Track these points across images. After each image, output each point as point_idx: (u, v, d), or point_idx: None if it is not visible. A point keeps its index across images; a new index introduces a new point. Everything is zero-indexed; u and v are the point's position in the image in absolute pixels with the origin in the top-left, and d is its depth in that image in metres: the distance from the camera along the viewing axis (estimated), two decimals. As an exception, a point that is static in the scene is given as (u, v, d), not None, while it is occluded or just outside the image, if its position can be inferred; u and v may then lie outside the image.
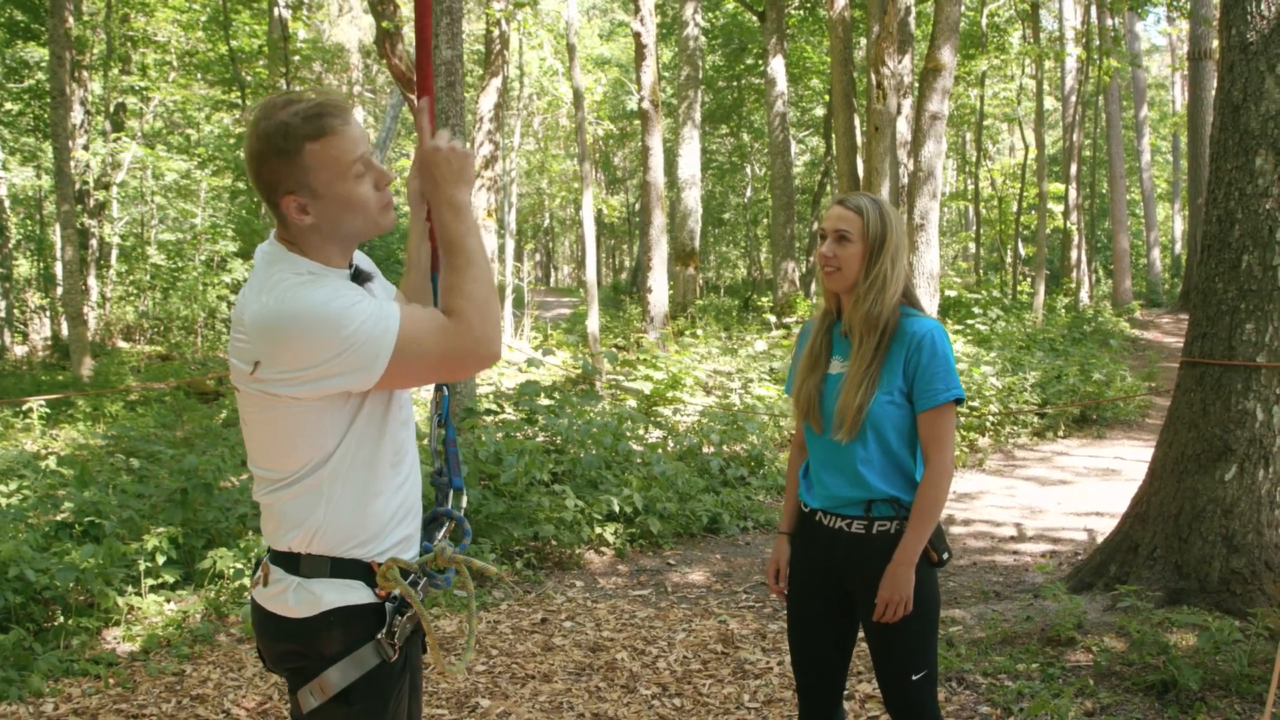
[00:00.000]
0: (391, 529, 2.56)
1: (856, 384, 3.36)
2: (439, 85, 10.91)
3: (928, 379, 3.35)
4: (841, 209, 3.46)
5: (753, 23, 30.10)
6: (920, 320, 3.42)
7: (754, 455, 11.05)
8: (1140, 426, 14.74)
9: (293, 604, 2.50)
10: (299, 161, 2.41)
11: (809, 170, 41.91)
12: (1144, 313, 29.43)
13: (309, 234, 2.50)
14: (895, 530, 3.39)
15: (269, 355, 2.37)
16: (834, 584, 3.50)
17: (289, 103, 2.43)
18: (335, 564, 2.50)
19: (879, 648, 3.47)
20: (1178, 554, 6.14)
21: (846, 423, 3.35)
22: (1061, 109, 30.83)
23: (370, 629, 2.51)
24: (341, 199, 2.46)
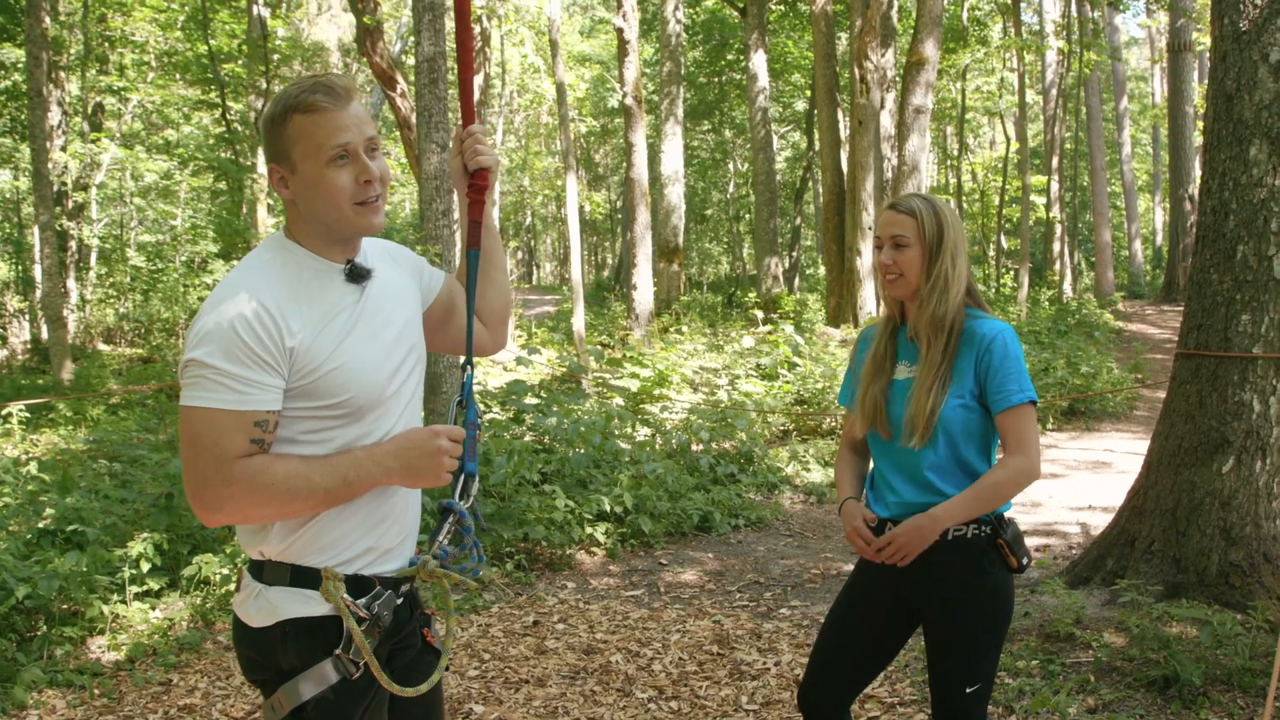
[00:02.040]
0: (356, 538, 2.47)
1: (927, 388, 3.27)
2: (421, 82, 10.81)
3: (1000, 381, 3.25)
4: (894, 213, 3.37)
5: (734, 18, 30.07)
6: (989, 321, 3.33)
7: (744, 452, 10.98)
8: (1129, 419, 14.73)
9: (252, 613, 2.45)
10: (284, 130, 2.40)
11: (791, 165, 41.90)
12: (1127, 304, 29.50)
13: (296, 216, 2.49)
14: (971, 535, 3.27)
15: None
16: (900, 596, 3.39)
17: (301, 79, 2.47)
18: (295, 572, 2.44)
19: (937, 654, 3.35)
20: (1175, 547, 6.08)
21: (919, 428, 3.25)
22: (1042, 102, 30.86)
23: (329, 643, 2.43)
24: (313, 178, 2.42)
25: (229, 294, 2.35)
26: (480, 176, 2.77)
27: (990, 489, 3.25)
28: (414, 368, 2.64)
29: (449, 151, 2.81)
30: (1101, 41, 30.18)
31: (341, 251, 2.52)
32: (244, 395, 2.30)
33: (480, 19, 19.67)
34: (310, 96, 2.39)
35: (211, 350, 2.29)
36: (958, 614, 3.30)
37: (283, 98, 2.42)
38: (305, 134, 2.39)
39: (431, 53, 10.74)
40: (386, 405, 2.52)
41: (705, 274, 48.21)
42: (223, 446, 2.30)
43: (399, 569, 2.55)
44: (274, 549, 2.43)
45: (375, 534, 2.50)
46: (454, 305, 2.87)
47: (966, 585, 3.28)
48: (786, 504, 10.07)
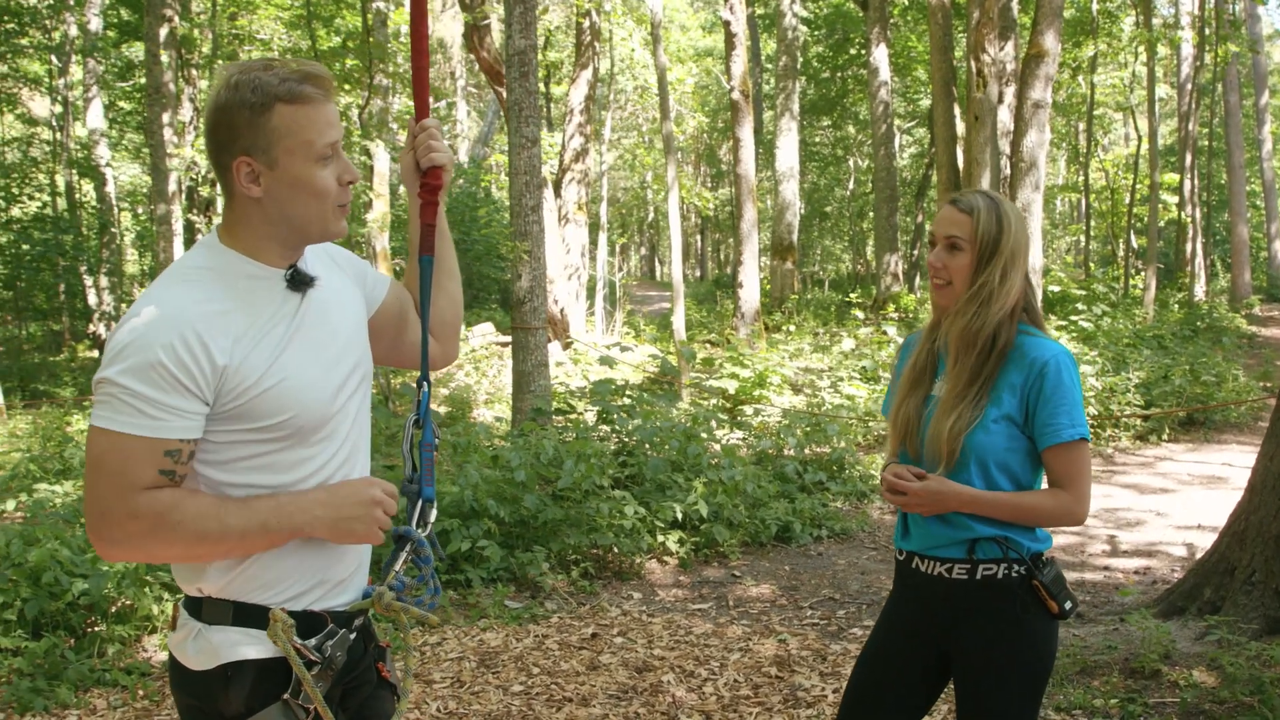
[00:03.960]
0: (306, 571, 2.24)
1: (949, 408, 2.95)
2: (511, 76, 10.65)
3: (1050, 412, 2.90)
4: (953, 210, 3.02)
5: (856, 12, 29.57)
6: (1044, 343, 2.97)
7: (835, 459, 10.61)
8: (1253, 430, 13.96)
9: (191, 654, 2.21)
10: (265, 121, 2.14)
11: (914, 162, 41.12)
12: (1263, 308, 28.34)
13: (252, 214, 2.22)
14: (1003, 575, 2.94)
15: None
16: (928, 642, 3.07)
17: (269, 66, 2.18)
18: (238, 610, 2.19)
19: (966, 707, 3.02)
20: (1279, 579, 5.60)
21: (942, 453, 2.94)
22: (1177, 97, 29.75)
23: (277, 688, 2.18)
24: (300, 178, 2.18)
25: (151, 306, 2.10)
26: (433, 175, 2.53)
27: (1030, 508, 2.93)
28: (360, 382, 2.40)
29: (403, 147, 2.55)
30: (1241, 33, 28.98)
31: (285, 256, 2.27)
32: (156, 421, 2.06)
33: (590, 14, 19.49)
34: (299, 86, 2.15)
35: (125, 369, 2.05)
36: (990, 664, 2.96)
37: (258, 84, 2.13)
38: (294, 127, 2.15)
39: (523, 45, 10.57)
40: (332, 424, 2.28)
41: (826, 272, 47.60)
42: (128, 475, 2.06)
43: (352, 602, 2.33)
44: (214, 585, 2.19)
45: (326, 565, 2.28)
46: (404, 315, 2.62)
47: (1000, 632, 2.95)
48: (875, 515, 9.68)
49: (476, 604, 6.86)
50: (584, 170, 21.21)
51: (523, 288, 10.73)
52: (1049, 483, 2.99)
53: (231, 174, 2.17)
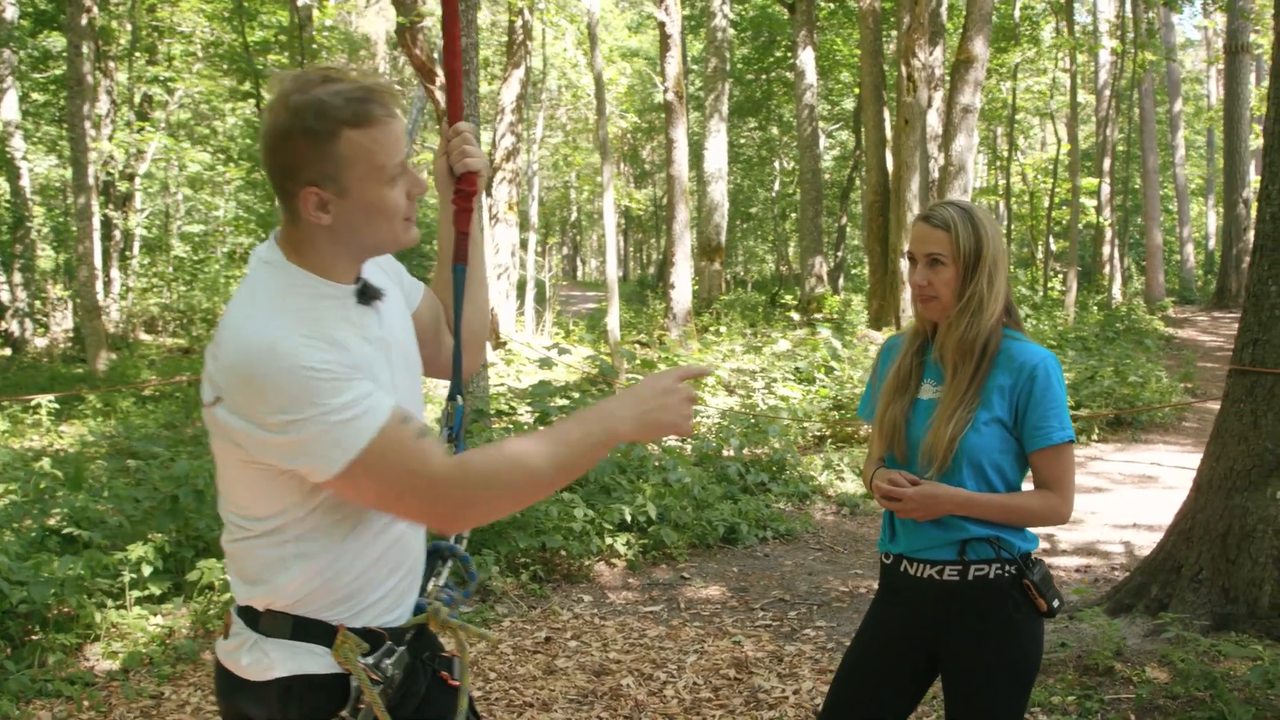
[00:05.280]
0: (373, 585, 2.19)
1: (948, 415, 2.97)
2: (452, 75, 10.57)
3: (1040, 415, 2.96)
4: (928, 227, 3.05)
5: (782, 15, 29.72)
6: (1030, 347, 3.02)
7: (776, 460, 10.65)
8: (1177, 430, 14.27)
9: (245, 664, 2.14)
10: (332, 149, 2.03)
11: (838, 164, 41.46)
12: (1177, 310, 28.94)
13: (320, 237, 2.12)
14: (994, 575, 2.98)
15: (233, 396, 2.00)
16: (918, 645, 3.10)
17: (328, 79, 2.06)
18: (298, 624, 2.12)
19: (957, 706, 3.06)
20: (1225, 576, 5.72)
21: (938, 457, 2.97)
22: (1095, 103, 30.29)
23: (333, 704, 2.13)
24: (372, 203, 2.09)
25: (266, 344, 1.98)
26: (468, 181, 2.46)
27: (1019, 509, 3.00)
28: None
29: (436, 151, 2.48)
30: (1157, 42, 29.59)
31: (353, 271, 2.20)
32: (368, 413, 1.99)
33: (522, 12, 19.40)
34: (365, 108, 2.05)
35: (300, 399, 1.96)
36: (980, 663, 3.00)
37: (321, 108, 2.02)
38: (363, 153, 2.05)
39: (464, 44, 10.47)
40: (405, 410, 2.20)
41: (750, 273, 47.84)
42: (409, 463, 2.01)
43: (405, 618, 2.27)
44: (283, 600, 2.12)
45: (393, 575, 2.22)
46: (438, 324, 2.54)
47: (990, 632, 2.99)
48: (818, 515, 9.74)
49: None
50: (515, 169, 21.13)
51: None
52: (1036, 484, 3.04)
53: (297, 201, 2.08)
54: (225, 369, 2.00)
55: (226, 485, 2.15)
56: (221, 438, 2.06)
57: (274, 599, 2.12)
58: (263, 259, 2.16)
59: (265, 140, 2.09)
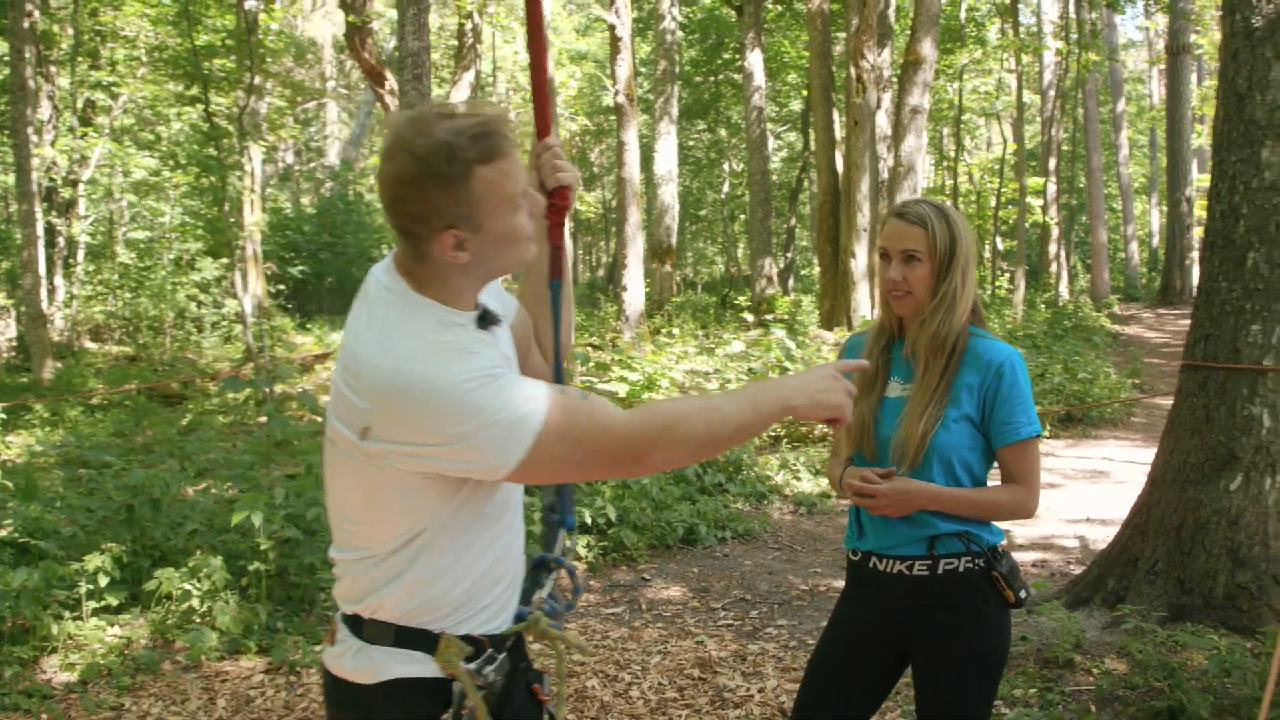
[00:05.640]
0: (478, 597, 2.23)
1: (920, 412, 3.01)
2: (405, 78, 10.53)
3: (1008, 411, 3.01)
4: (904, 224, 3.06)
5: (730, 17, 29.78)
6: (996, 344, 3.07)
7: (732, 460, 10.69)
8: (1127, 425, 14.45)
9: (350, 668, 2.21)
10: (466, 190, 2.05)
11: (786, 166, 41.62)
12: (1122, 307, 29.32)
13: (452, 273, 2.16)
14: (964, 568, 3.02)
15: (387, 425, 2.05)
16: (887, 641, 3.14)
17: (445, 117, 2.08)
18: (400, 633, 2.19)
19: (929, 698, 3.09)
20: (1180, 568, 5.81)
21: (909, 454, 3.00)
22: (1040, 103, 30.63)
23: (435, 707, 2.18)
24: (505, 233, 2.13)
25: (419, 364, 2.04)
26: (560, 195, 2.48)
27: (989, 503, 3.04)
28: None
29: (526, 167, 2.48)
30: (1100, 43, 29.94)
31: (475, 298, 2.25)
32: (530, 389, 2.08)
33: (471, 15, 19.36)
34: (491, 142, 2.07)
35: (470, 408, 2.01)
36: (950, 656, 3.04)
37: (451, 152, 2.03)
38: (495, 187, 2.08)
39: (415, 48, 10.46)
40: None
41: (700, 275, 47.91)
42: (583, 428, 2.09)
43: (506, 627, 2.31)
44: (393, 612, 2.19)
45: (497, 587, 2.28)
46: (528, 338, 2.58)
47: (960, 625, 3.03)
48: (775, 515, 9.77)
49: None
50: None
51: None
52: (1004, 478, 3.08)
53: (432, 245, 2.11)
54: (377, 400, 2.05)
55: (355, 511, 2.20)
56: (366, 465, 2.10)
57: (382, 610, 2.19)
58: (385, 286, 2.18)
59: (392, 190, 2.10)
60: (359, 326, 2.16)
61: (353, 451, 2.10)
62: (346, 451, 2.12)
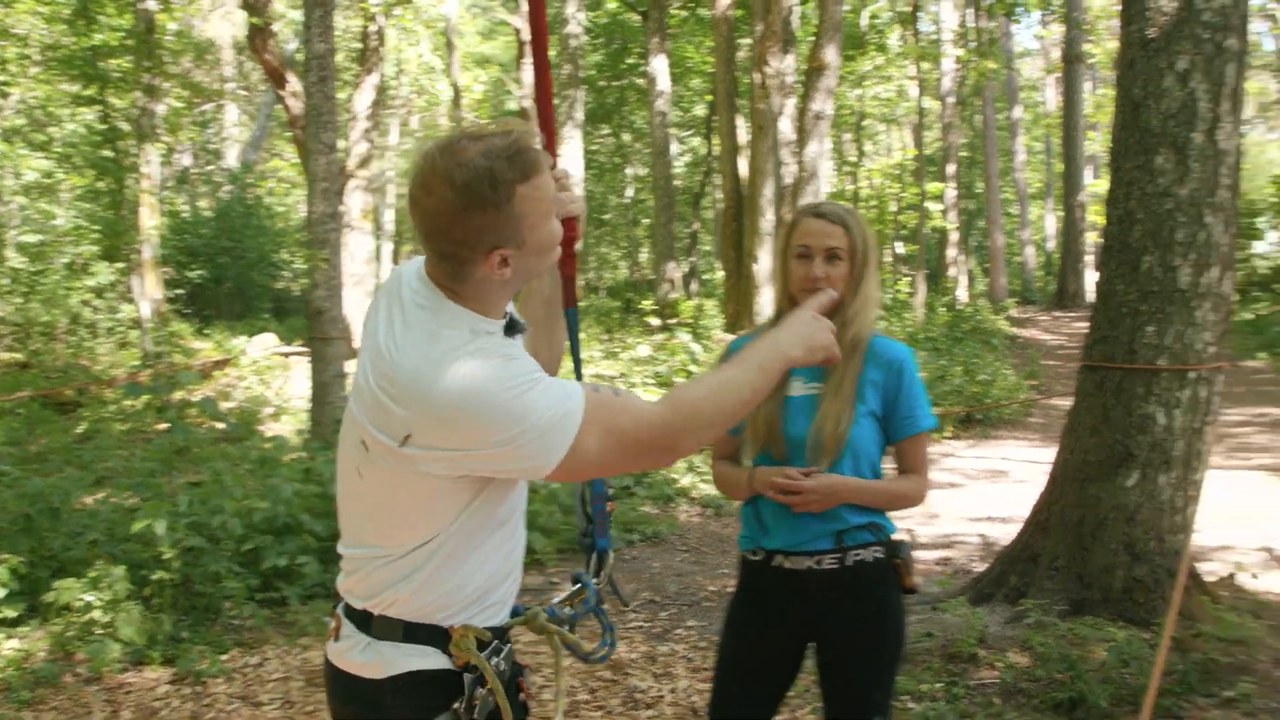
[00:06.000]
0: (486, 595, 2.30)
1: (837, 409, 3.08)
2: (310, 80, 10.43)
3: (909, 405, 3.14)
4: (825, 223, 3.13)
5: (635, 22, 29.85)
6: (891, 342, 3.20)
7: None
8: (1025, 426, 14.76)
9: (360, 662, 2.25)
10: (509, 211, 2.11)
11: (690, 170, 41.82)
12: (1020, 310, 29.90)
13: (491, 287, 2.20)
14: (872, 559, 3.11)
15: (430, 432, 2.09)
16: (794, 637, 3.20)
17: (476, 139, 2.12)
18: (409, 628, 2.24)
19: (840, 686, 3.16)
20: (1080, 564, 5.96)
21: (829, 450, 3.06)
22: (939, 110, 31.14)
23: (446, 698, 2.23)
24: (544, 243, 2.21)
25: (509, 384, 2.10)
26: (568, 226, 2.48)
27: (898, 493, 3.16)
28: None
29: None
30: (997, 51, 30.54)
31: (506, 305, 2.30)
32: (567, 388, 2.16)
33: (375, 18, 19.20)
34: (525, 159, 2.12)
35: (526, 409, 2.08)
36: (859, 646, 3.13)
37: (493, 177, 2.08)
38: (533, 204, 2.14)
39: (322, 50, 10.35)
40: None
41: (604, 279, 47.96)
42: (619, 424, 2.16)
43: (504, 620, 2.38)
44: (404, 609, 2.24)
45: (503, 586, 2.35)
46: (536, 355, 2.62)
47: (868, 614, 3.12)
48: (683, 517, 9.84)
49: (295, 622, 6.68)
50: (369, 177, 20.91)
51: (320, 297, 10.51)
52: (902, 469, 3.20)
53: (477, 266, 2.15)
54: (421, 409, 2.08)
55: (380, 511, 2.24)
56: (400, 469, 2.14)
57: (395, 607, 2.23)
58: (421, 297, 2.21)
59: (435, 220, 2.13)
60: (394, 332, 2.18)
61: (388, 456, 2.13)
62: (381, 456, 2.15)
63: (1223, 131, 5.81)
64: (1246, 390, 17.39)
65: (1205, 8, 5.80)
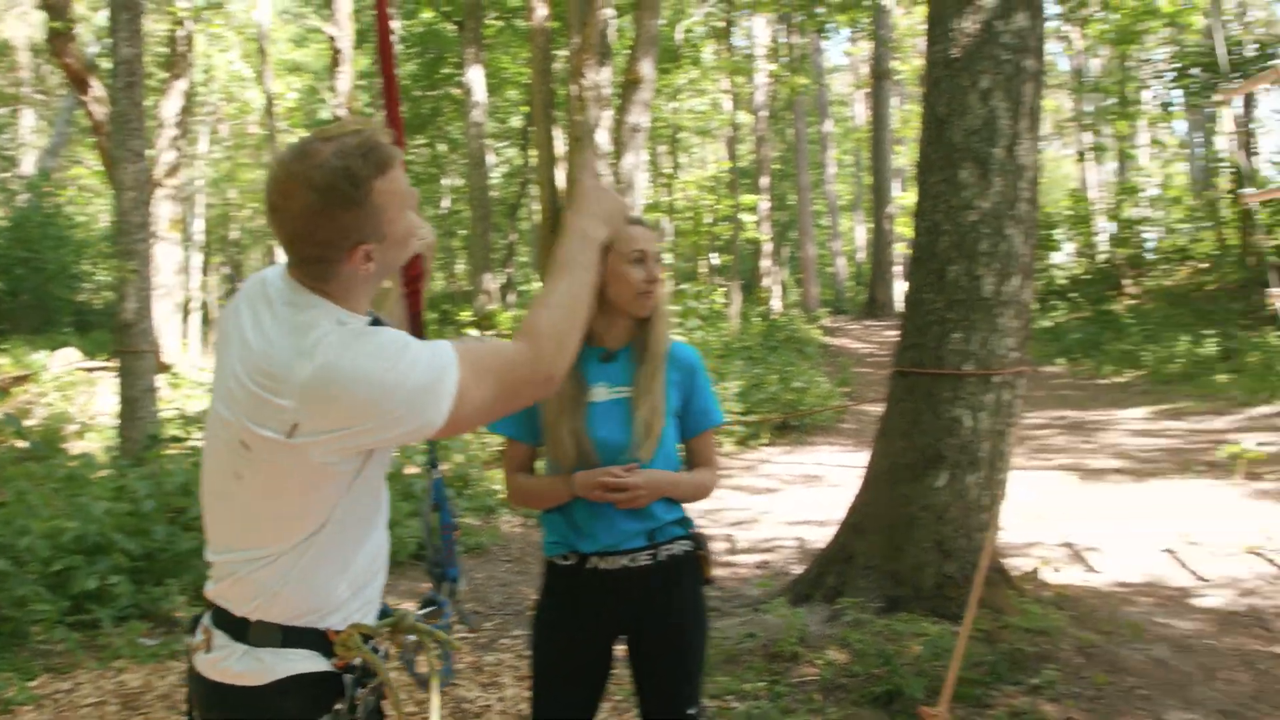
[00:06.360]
0: (356, 595, 2.31)
1: (653, 408, 3.18)
2: (117, 86, 10.12)
3: (704, 402, 3.32)
4: (646, 229, 3.25)
5: (451, 32, 29.71)
6: (685, 346, 3.36)
7: (460, 475, 10.70)
8: (839, 432, 15.17)
9: (239, 670, 2.21)
10: (370, 205, 2.15)
11: (506, 181, 41.77)
12: (832, 320, 30.65)
13: (356, 282, 2.23)
14: (681, 552, 3.24)
15: (316, 418, 2.11)
16: (609, 636, 3.26)
17: (327, 140, 2.16)
18: (288, 632, 2.22)
19: (661, 679, 3.25)
20: (893, 562, 6.18)
21: (649, 449, 3.16)
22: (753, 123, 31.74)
23: (328, 700, 2.22)
24: (402, 233, 2.24)
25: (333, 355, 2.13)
26: (412, 264, 2.53)
27: (700, 485, 3.31)
28: None
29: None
30: (808, 66, 31.29)
31: (368, 301, 2.32)
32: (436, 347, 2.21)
33: (184, 22, 18.72)
34: (380, 154, 2.16)
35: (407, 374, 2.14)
36: (681, 634, 3.25)
37: (348, 174, 2.11)
38: (392, 195, 2.18)
39: (129, 55, 10.05)
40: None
41: (421, 290, 47.49)
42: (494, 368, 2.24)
43: (377, 620, 2.39)
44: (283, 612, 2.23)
45: (373, 583, 2.38)
46: None
47: (680, 608, 3.25)
48: (505, 528, 9.85)
49: (109, 644, 6.46)
50: (178, 186, 20.36)
51: (129, 310, 10.19)
52: (696, 462, 3.35)
53: (342, 265, 2.19)
54: (303, 398, 2.10)
55: (267, 512, 2.23)
56: (286, 461, 2.15)
57: (271, 612, 2.22)
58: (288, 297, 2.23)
59: (298, 225, 2.15)
60: (264, 329, 2.20)
61: (276, 451, 2.13)
62: (267, 453, 2.15)
63: (1022, 147, 6.12)
64: (1047, 394, 18.23)
65: (1004, 30, 6.11)
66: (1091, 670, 5.47)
